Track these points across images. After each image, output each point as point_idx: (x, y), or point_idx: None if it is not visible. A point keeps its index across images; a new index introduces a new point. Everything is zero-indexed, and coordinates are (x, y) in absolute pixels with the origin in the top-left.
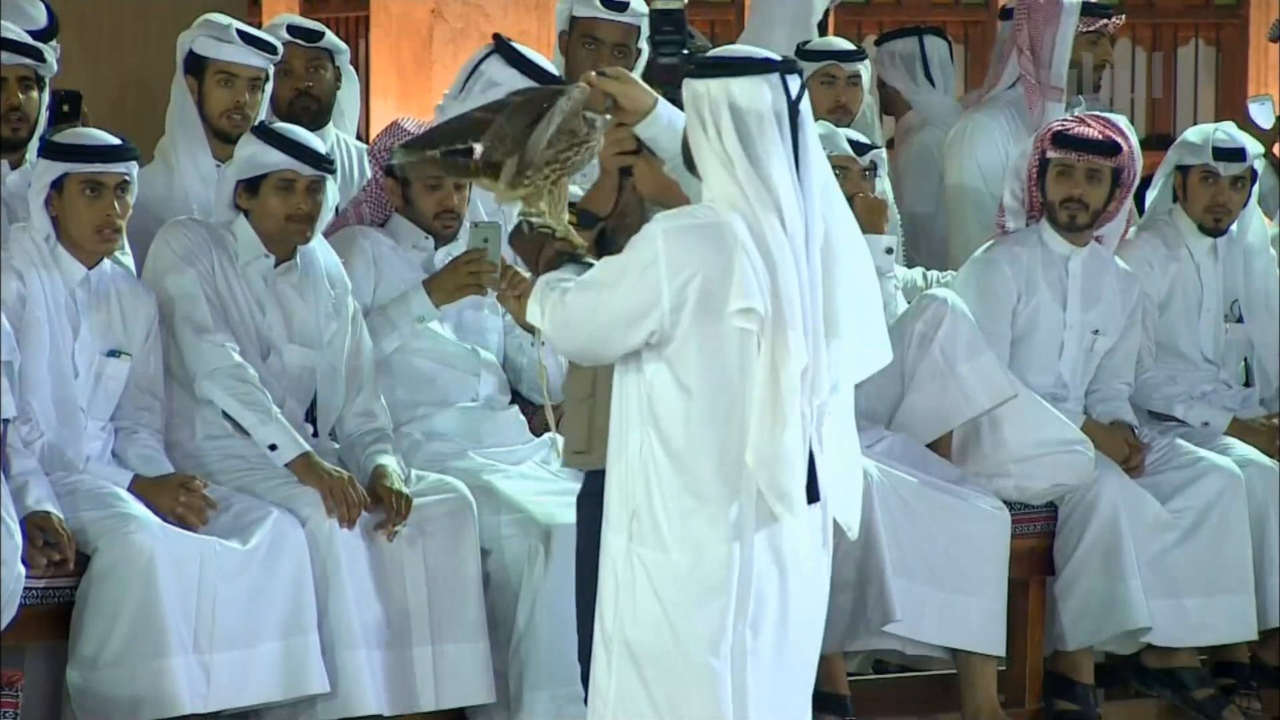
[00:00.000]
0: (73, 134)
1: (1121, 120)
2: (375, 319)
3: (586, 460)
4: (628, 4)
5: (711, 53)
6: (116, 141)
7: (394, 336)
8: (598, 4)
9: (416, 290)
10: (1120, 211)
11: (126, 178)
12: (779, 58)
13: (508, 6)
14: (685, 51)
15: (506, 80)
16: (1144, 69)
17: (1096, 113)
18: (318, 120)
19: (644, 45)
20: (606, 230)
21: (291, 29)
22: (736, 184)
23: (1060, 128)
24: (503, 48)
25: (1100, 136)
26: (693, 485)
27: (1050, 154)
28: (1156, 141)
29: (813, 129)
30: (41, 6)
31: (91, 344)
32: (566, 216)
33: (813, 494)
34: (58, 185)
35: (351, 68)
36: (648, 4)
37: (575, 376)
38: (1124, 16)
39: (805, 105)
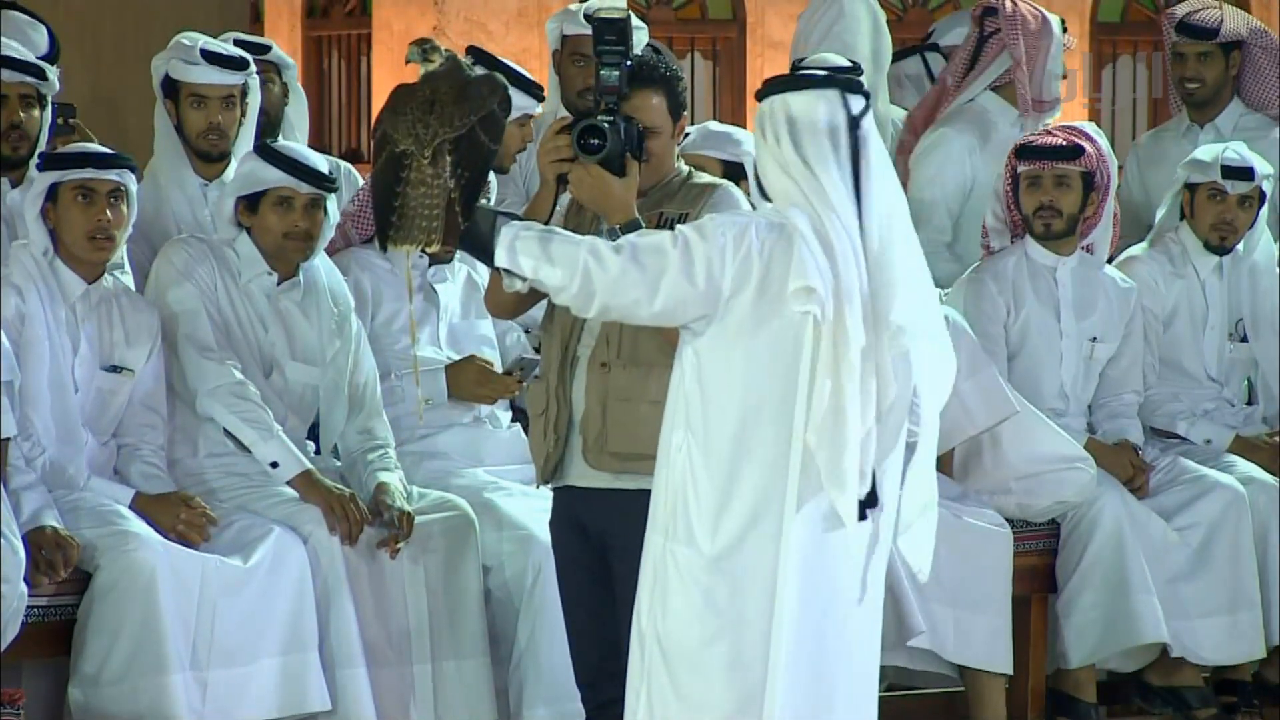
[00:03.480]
0: (67, 145)
1: (1088, 126)
2: (383, 385)
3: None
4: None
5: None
6: (109, 150)
7: (399, 407)
8: (585, 21)
9: (438, 373)
10: (1103, 216)
11: (120, 185)
12: (844, 76)
13: (509, 24)
14: (629, 63)
15: None
16: (1145, 85)
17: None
18: (264, 135)
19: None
20: None
21: (237, 43)
22: (795, 184)
23: (1024, 141)
24: (482, 58)
25: (1063, 142)
26: (728, 482)
27: (1019, 168)
28: None
29: (878, 147)
30: (44, 31)
31: (91, 359)
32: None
33: (872, 500)
34: (53, 196)
35: (300, 86)
36: (589, 16)
37: (534, 393)
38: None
39: (869, 122)
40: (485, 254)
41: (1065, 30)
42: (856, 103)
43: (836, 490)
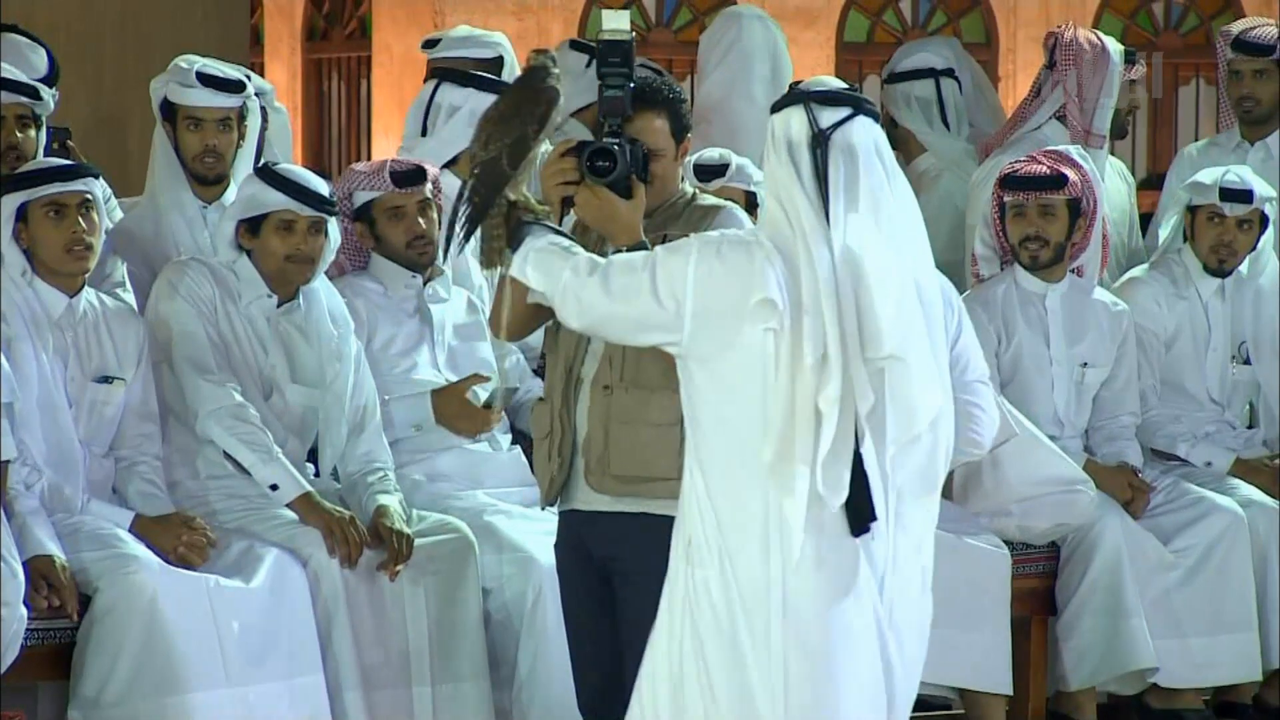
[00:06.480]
0: (29, 162)
1: (1074, 150)
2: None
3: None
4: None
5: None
6: (70, 162)
7: (390, 431)
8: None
9: (424, 399)
10: (1092, 239)
11: (88, 195)
12: (824, 90)
13: None
14: (632, 84)
15: (464, 100)
16: (1145, 108)
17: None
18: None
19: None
20: None
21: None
22: (777, 202)
23: (1009, 170)
24: (446, 74)
25: (1047, 171)
26: (723, 505)
27: (1005, 197)
28: (1157, 181)
29: (864, 160)
30: (43, 53)
31: (81, 373)
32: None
33: (868, 515)
34: (23, 217)
35: (280, 105)
36: (596, 36)
37: (538, 416)
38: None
39: (850, 135)
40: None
41: (1135, 61)
42: (828, 116)
43: (787, 494)
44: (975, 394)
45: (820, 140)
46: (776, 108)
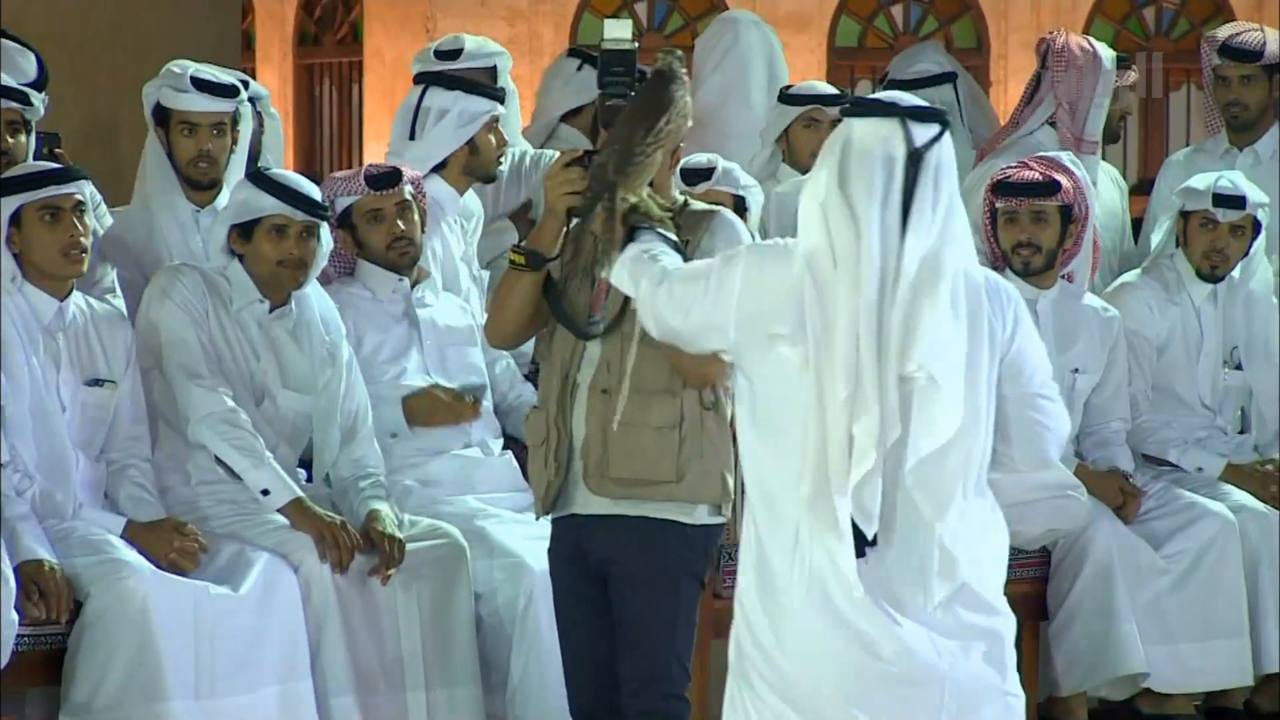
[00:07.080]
0: (17, 166)
1: (1065, 156)
2: None
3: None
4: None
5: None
6: (61, 165)
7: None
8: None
9: (394, 406)
10: (1083, 245)
11: (80, 198)
12: (916, 105)
13: None
14: (633, 93)
15: (452, 103)
16: (1136, 113)
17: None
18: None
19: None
20: (552, 275)
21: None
22: (823, 215)
23: (1001, 175)
24: (434, 78)
25: (1040, 178)
26: (761, 513)
27: (997, 203)
28: (1148, 186)
29: (947, 176)
30: (32, 58)
31: (74, 377)
32: (647, 191)
33: (863, 540)
34: (15, 221)
35: (274, 109)
36: (599, 43)
37: (533, 422)
38: (1135, 67)
39: (935, 154)
40: None
41: (1128, 65)
42: (923, 132)
43: (834, 537)
44: (1038, 409)
45: (915, 158)
46: (854, 115)
